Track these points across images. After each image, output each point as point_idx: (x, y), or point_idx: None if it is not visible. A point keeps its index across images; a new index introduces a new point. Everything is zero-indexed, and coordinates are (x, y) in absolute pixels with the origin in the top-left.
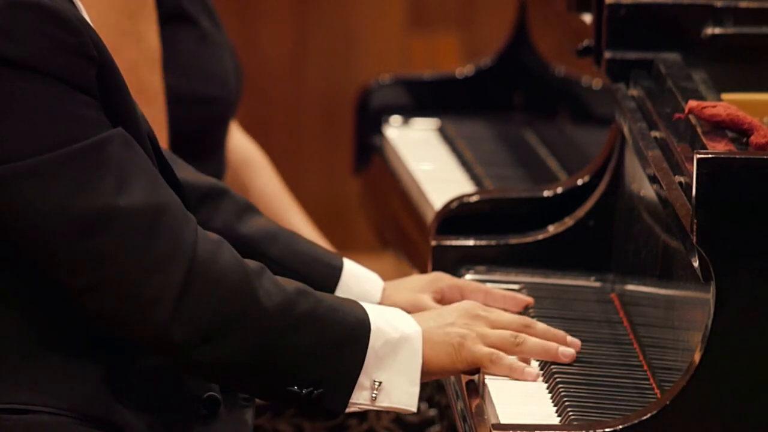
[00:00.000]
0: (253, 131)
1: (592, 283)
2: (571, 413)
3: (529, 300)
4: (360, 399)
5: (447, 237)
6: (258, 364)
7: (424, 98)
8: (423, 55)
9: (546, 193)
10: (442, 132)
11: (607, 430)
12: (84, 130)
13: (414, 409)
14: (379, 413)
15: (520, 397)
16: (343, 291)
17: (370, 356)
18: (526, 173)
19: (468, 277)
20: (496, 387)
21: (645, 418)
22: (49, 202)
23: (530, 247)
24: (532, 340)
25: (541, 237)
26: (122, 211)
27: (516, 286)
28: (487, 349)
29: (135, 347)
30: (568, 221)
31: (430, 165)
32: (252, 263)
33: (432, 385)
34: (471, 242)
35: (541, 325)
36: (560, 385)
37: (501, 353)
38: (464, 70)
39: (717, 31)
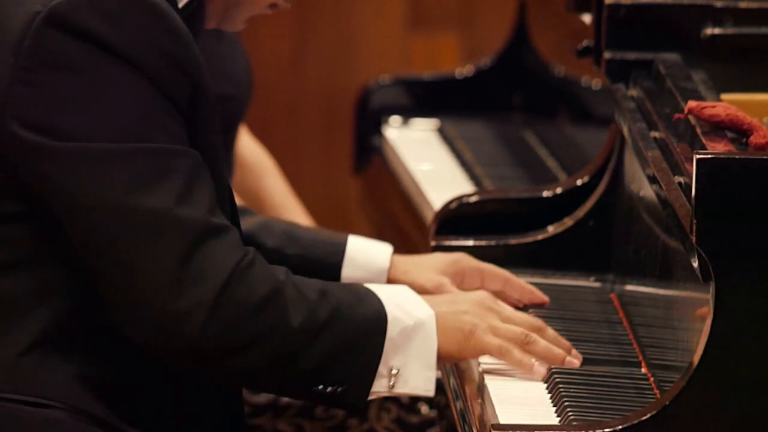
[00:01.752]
0: (253, 131)
1: (591, 283)
2: (570, 413)
3: (545, 299)
4: (379, 387)
5: (447, 237)
6: (284, 370)
7: (423, 98)
8: (423, 55)
9: (546, 194)
10: (442, 132)
11: (606, 430)
12: (164, 135)
13: (431, 394)
14: (380, 413)
15: (520, 397)
16: (348, 265)
17: (387, 346)
18: (526, 173)
19: None
20: (496, 387)
21: (645, 418)
22: (105, 191)
23: (530, 247)
24: (542, 343)
25: (540, 237)
26: (176, 219)
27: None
28: (497, 340)
29: (167, 363)
30: (568, 221)
31: (430, 165)
32: (280, 271)
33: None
34: (471, 242)
35: (551, 332)
36: (560, 385)
37: (511, 346)
38: (464, 70)
39: (717, 31)
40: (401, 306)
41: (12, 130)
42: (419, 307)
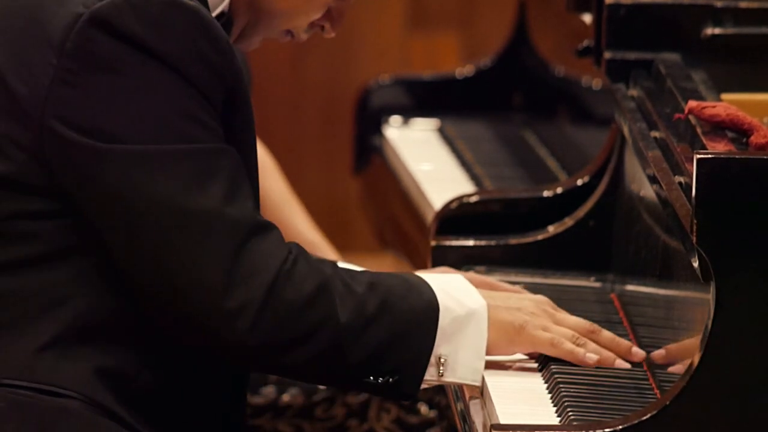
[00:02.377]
0: None
1: (592, 283)
2: (571, 413)
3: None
4: (428, 376)
5: (447, 237)
6: (335, 364)
7: (424, 98)
8: (423, 55)
9: (546, 193)
10: (442, 132)
11: (607, 430)
12: (206, 135)
13: (478, 384)
14: (379, 413)
15: (520, 397)
16: None
17: (438, 335)
18: (526, 173)
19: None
20: (496, 387)
21: (645, 418)
22: (154, 192)
23: (530, 247)
24: (591, 345)
25: (541, 237)
26: (225, 219)
27: (518, 287)
28: (548, 334)
29: (186, 364)
30: (568, 221)
31: (430, 165)
32: (327, 265)
33: (431, 386)
34: (471, 242)
35: (606, 333)
36: (560, 385)
37: (562, 338)
38: (464, 70)
39: (717, 31)
40: (453, 295)
41: (54, 130)
42: (471, 297)
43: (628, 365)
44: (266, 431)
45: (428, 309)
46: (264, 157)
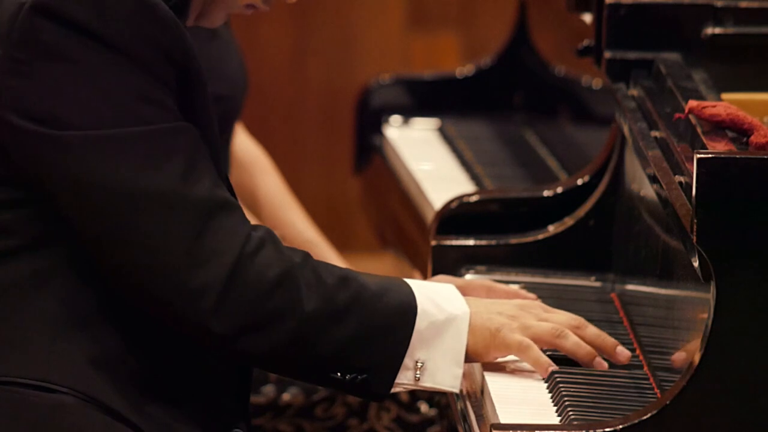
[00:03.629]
0: (253, 131)
1: (592, 283)
2: (571, 413)
3: (532, 296)
4: (404, 379)
5: (447, 237)
6: (299, 355)
7: (424, 98)
8: (423, 55)
9: (546, 193)
10: (442, 132)
11: (607, 430)
12: (161, 115)
13: (457, 390)
14: (380, 412)
15: (520, 397)
16: None
17: (415, 338)
18: (526, 173)
19: (468, 277)
20: (496, 387)
21: (645, 418)
22: (113, 175)
23: (530, 247)
24: (573, 338)
25: (541, 237)
26: (184, 198)
27: (516, 287)
28: (519, 337)
29: (177, 353)
30: (568, 221)
31: (430, 165)
32: (297, 254)
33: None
34: (471, 242)
35: (592, 329)
36: (560, 385)
37: (531, 343)
38: (464, 70)
39: (717, 31)
40: (434, 300)
41: (8, 120)
42: (454, 304)
43: (606, 365)
44: (266, 431)
45: (404, 310)
46: (259, 156)
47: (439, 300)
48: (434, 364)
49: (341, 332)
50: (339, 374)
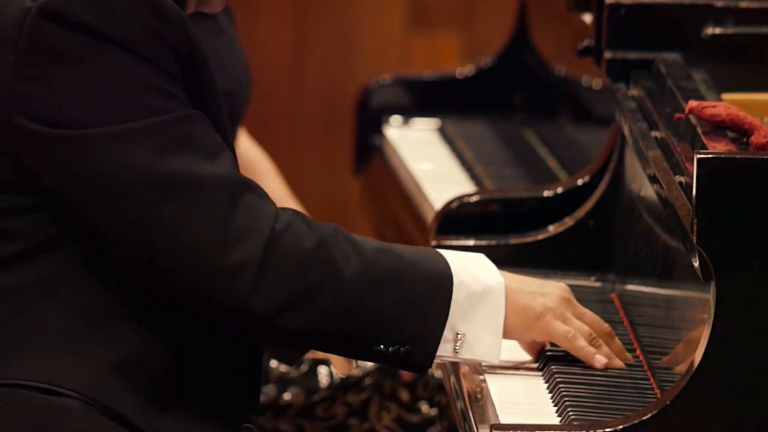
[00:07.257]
0: (253, 131)
1: (592, 283)
2: (571, 413)
3: None
4: (444, 352)
5: (447, 237)
6: (340, 328)
7: (424, 98)
8: (423, 55)
9: (546, 193)
10: (442, 132)
11: (607, 430)
12: (172, 104)
13: (497, 361)
14: (380, 412)
15: (520, 397)
16: None
17: (453, 310)
18: (526, 173)
19: None
20: (496, 387)
21: (645, 418)
22: (134, 166)
23: (530, 247)
24: (606, 349)
25: (541, 237)
26: (208, 179)
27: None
28: (565, 327)
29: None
30: (568, 221)
31: (430, 165)
32: (328, 226)
33: (432, 385)
34: (471, 242)
35: (618, 343)
36: (560, 385)
37: (577, 334)
38: (464, 70)
39: (717, 31)
40: (469, 270)
41: (21, 126)
42: (489, 274)
43: (605, 362)
44: (267, 430)
45: (441, 281)
46: (260, 159)
47: (474, 270)
48: (474, 335)
49: (380, 301)
50: (382, 346)
